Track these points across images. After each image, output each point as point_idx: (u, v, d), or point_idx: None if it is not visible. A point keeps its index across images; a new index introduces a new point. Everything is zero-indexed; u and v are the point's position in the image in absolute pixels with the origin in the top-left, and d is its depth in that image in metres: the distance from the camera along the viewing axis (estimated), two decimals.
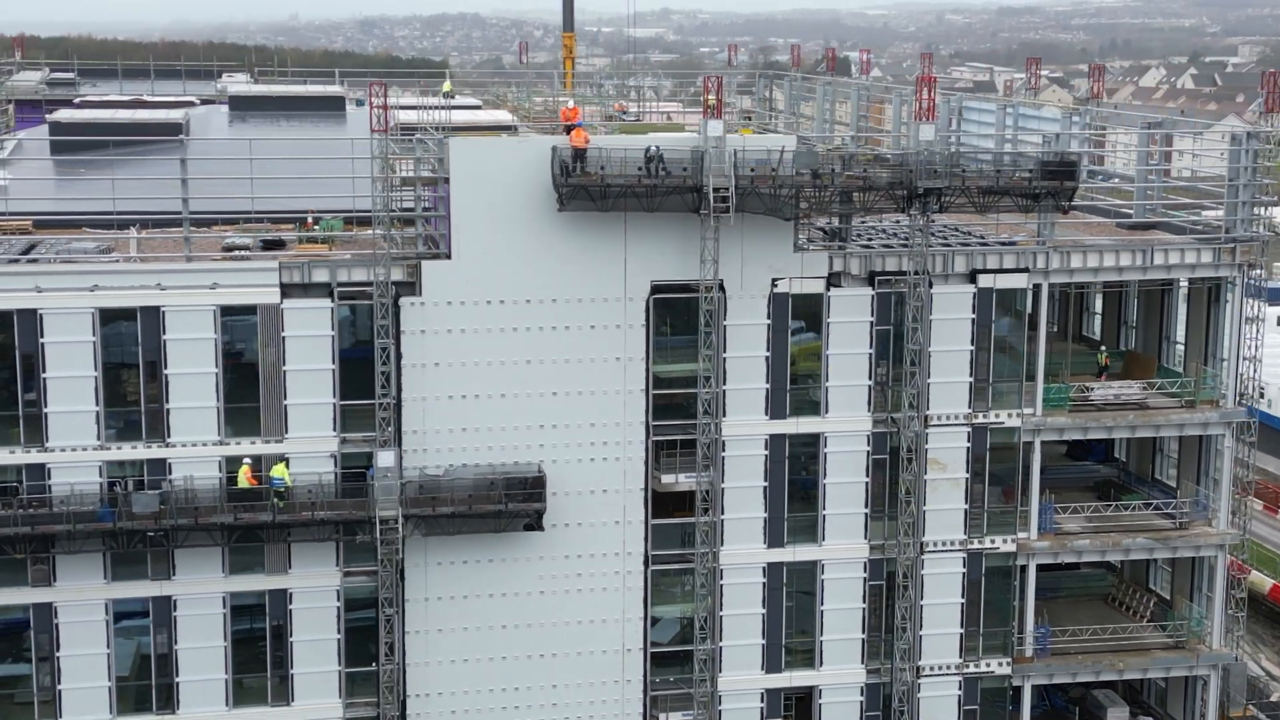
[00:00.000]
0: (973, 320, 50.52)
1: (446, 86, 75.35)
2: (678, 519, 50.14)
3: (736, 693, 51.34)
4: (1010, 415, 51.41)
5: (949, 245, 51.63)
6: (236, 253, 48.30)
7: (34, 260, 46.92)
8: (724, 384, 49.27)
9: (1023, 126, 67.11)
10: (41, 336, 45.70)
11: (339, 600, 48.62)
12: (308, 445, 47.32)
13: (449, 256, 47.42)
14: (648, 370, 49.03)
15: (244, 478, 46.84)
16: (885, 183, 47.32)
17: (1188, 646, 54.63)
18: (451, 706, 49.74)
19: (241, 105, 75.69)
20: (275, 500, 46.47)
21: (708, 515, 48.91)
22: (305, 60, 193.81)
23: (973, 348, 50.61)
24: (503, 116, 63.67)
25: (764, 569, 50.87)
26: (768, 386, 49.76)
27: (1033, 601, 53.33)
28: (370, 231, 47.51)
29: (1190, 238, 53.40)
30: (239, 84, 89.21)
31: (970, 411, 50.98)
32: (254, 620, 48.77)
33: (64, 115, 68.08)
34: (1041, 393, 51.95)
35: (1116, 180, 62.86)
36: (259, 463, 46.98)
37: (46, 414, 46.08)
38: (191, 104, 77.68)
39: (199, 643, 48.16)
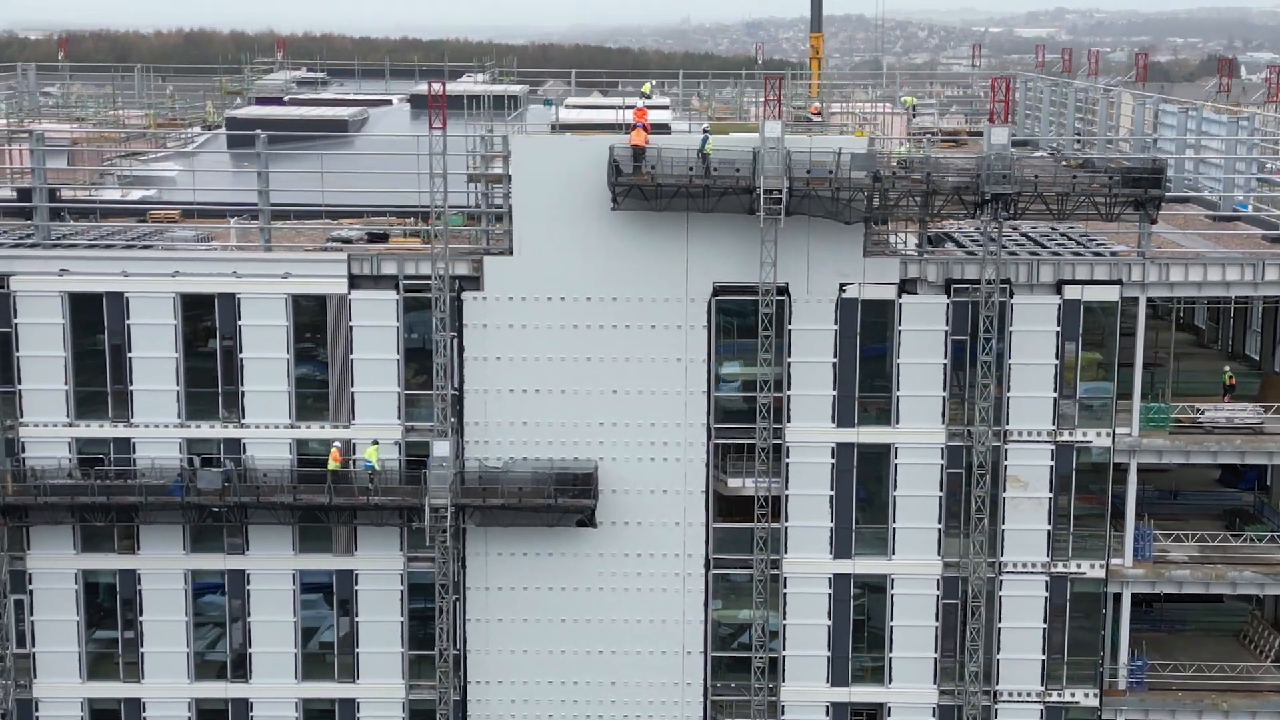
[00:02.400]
0: (1057, 333, 49.81)
1: (646, 88, 77.95)
2: (742, 524, 51.22)
3: (800, 704, 52.21)
4: (1100, 434, 50.44)
5: (1035, 254, 50.96)
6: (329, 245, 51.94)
7: (122, 245, 51.48)
8: (789, 389, 50.17)
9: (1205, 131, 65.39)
10: (128, 318, 50.19)
11: (403, 584, 51.70)
12: (373, 432, 50.44)
13: (511, 252, 49.75)
14: (709, 372, 50.28)
15: (333, 460, 50.29)
16: (950, 188, 47.19)
17: None
18: (511, 696, 52.25)
19: (420, 104, 79.61)
20: (368, 482, 49.93)
21: (766, 521, 49.91)
22: (639, 62, 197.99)
23: (1057, 362, 49.92)
24: (663, 116, 64.97)
25: (830, 580, 51.48)
26: (835, 393, 50.29)
27: (1127, 630, 52.23)
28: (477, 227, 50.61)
29: None
30: (465, 84, 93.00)
31: (1054, 429, 50.30)
32: (322, 598, 52.32)
33: (241, 112, 73.54)
34: (1139, 412, 50.81)
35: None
36: (328, 447, 50.51)
37: (132, 391, 50.63)
38: (388, 102, 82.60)
39: (270, 616, 52.02)
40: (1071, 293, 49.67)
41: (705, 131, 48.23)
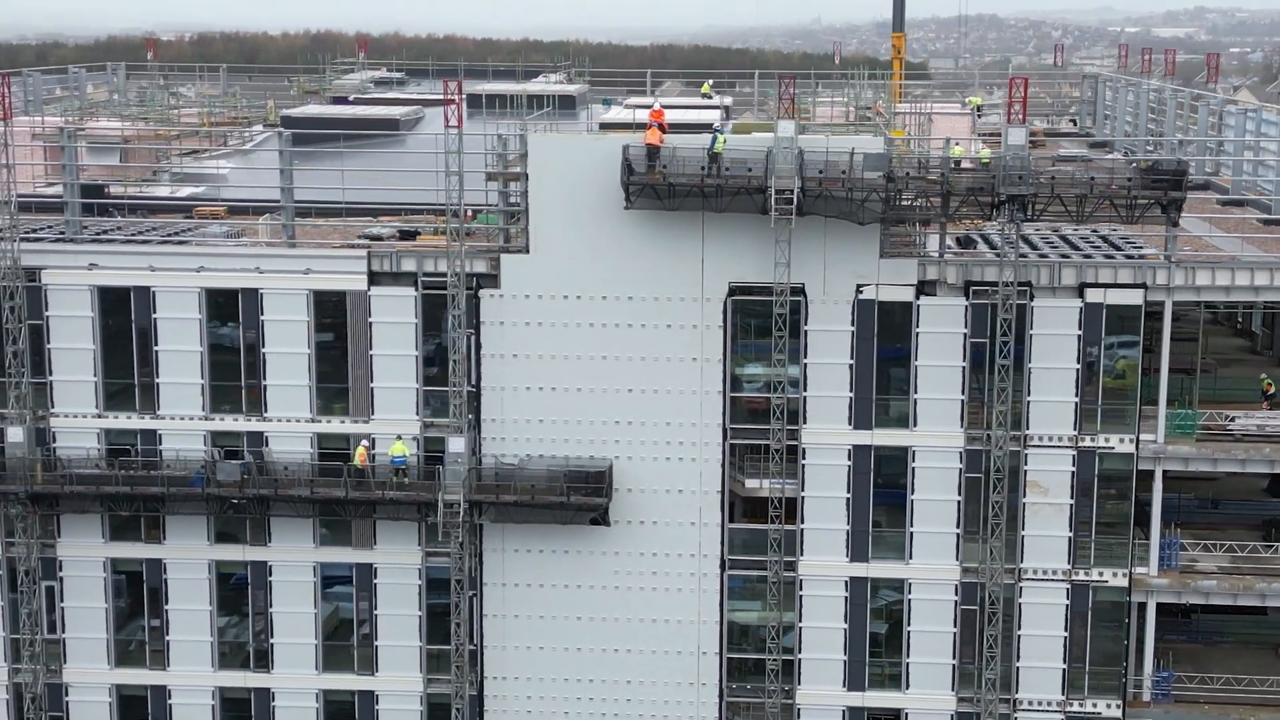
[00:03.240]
0: (1079, 337, 49.30)
1: (705, 88, 78.33)
2: (757, 525, 51.34)
3: (817, 708, 52.21)
4: (1123, 441, 49.85)
5: (1066, 256, 50.52)
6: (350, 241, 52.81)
7: (150, 241, 52.79)
8: (805, 391, 50.19)
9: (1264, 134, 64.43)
10: (154, 312, 51.47)
11: (420, 579, 52.44)
12: (393, 427, 51.24)
13: (528, 251, 50.28)
14: (725, 372, 50.44)
15: (359, 457, 51.18)
16: (965, 188, 46.93)
17: None
18: (528, 692, 52.81)
19: (476, 104, 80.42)
20: (397, 478, 50.79)
21: (779, 523, 49.98)
22: (757, 62, 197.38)
23: (1078, 366, 49.42)
24: (710, 116, 65.18)
25: (846, 583, 51.41)
26: (852, 395, 50.21)
27: (1152, 640, 51.56)
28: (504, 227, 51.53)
29: None
30: (540, 84, 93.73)
31: (1076, 434, 49.80)
32: (342, 591, 53.24)
33: (296, 111, 74.98)
34: (1164, 418, 50.13)
35: None
36: (348, 441, 51.37)
37: (158, 384, 51.91)
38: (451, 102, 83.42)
39: (292, 608, 53.05)
40: (1094, 296, 49.21)
41: (715, 131, 48.40)
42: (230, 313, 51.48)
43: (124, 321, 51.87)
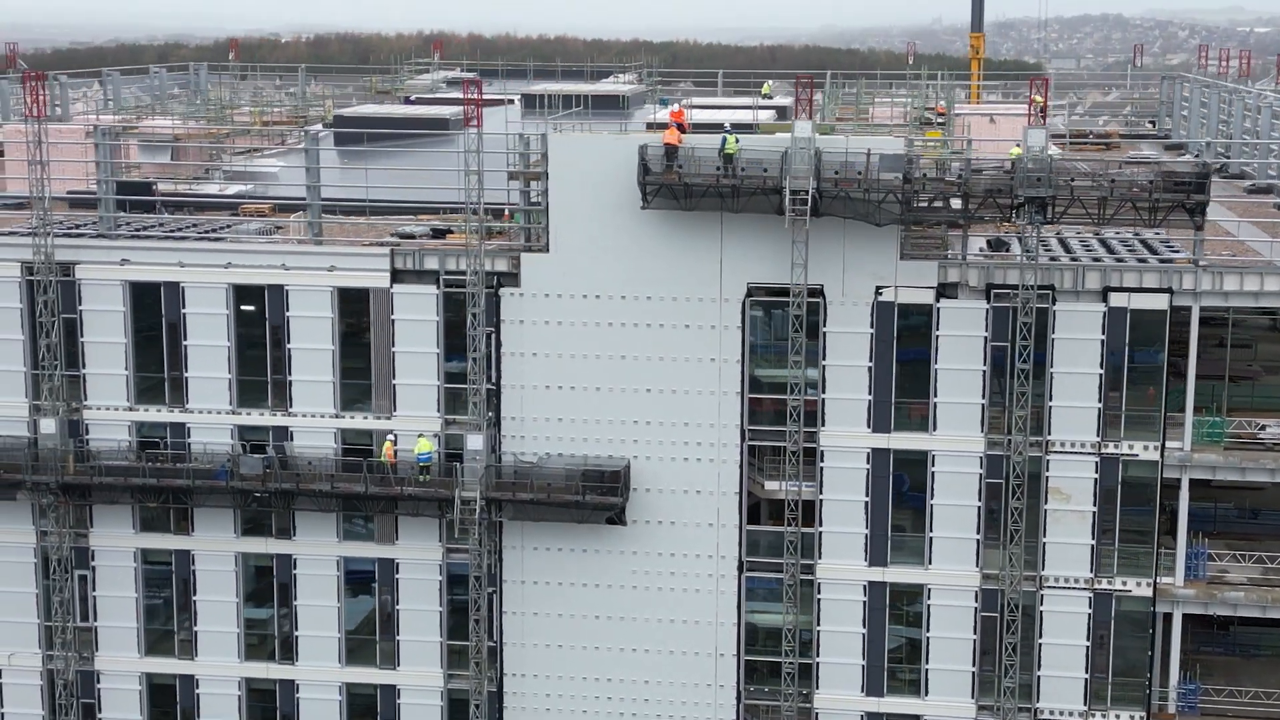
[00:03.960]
0: (1102, 342, 48.64)
1: (765, 89, 78.37)
2: (776, 527, 51.21)
3: (835, 712, 51.97)
4: (1147, 448, 49.10)
5: (1097, 260, 49.89)
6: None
7: (178, 237, 53.78)
8: (823, 393, 50.00)
9: None
10: (184, 307, 52.40)
11: (441, 574, 52.90)
12: (414, 424, 51.76)
13: (548, 249, 50.55)
14: (743, 373, 50.37)
15: (386, 453, 51.78)
16: (982, 190, 46.50)
17: None
18: (546, 690, 53.08)
19: (532, 103, 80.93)
20: (422, 475, 51.36)
21: (796, 525, 49.82)
22: (868, 63, 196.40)
23: (1101, 372, 48.75)
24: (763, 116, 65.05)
25: (865, 587, 51.11)
26: (870, 398, 49.93)
27: (1178, 651, 50.73)
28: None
29: None
30: (608, 85, 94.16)
31: (1099, 440, 49.13)
32: (365, 585, 53.86)
33: (348, 110, 75.96)
34: (1191, 426, 49.33)
35: None
36: (371, 437, 51.98)
37: (187, 378, 52.83)
38: (511, 101, 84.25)
39: (316, 601, 53.74)
40: (1117, 300, 48.52)
41: (725, 132, 48.35)
42: (257, 309, 52.39)
43: (154, 316, 52.88)
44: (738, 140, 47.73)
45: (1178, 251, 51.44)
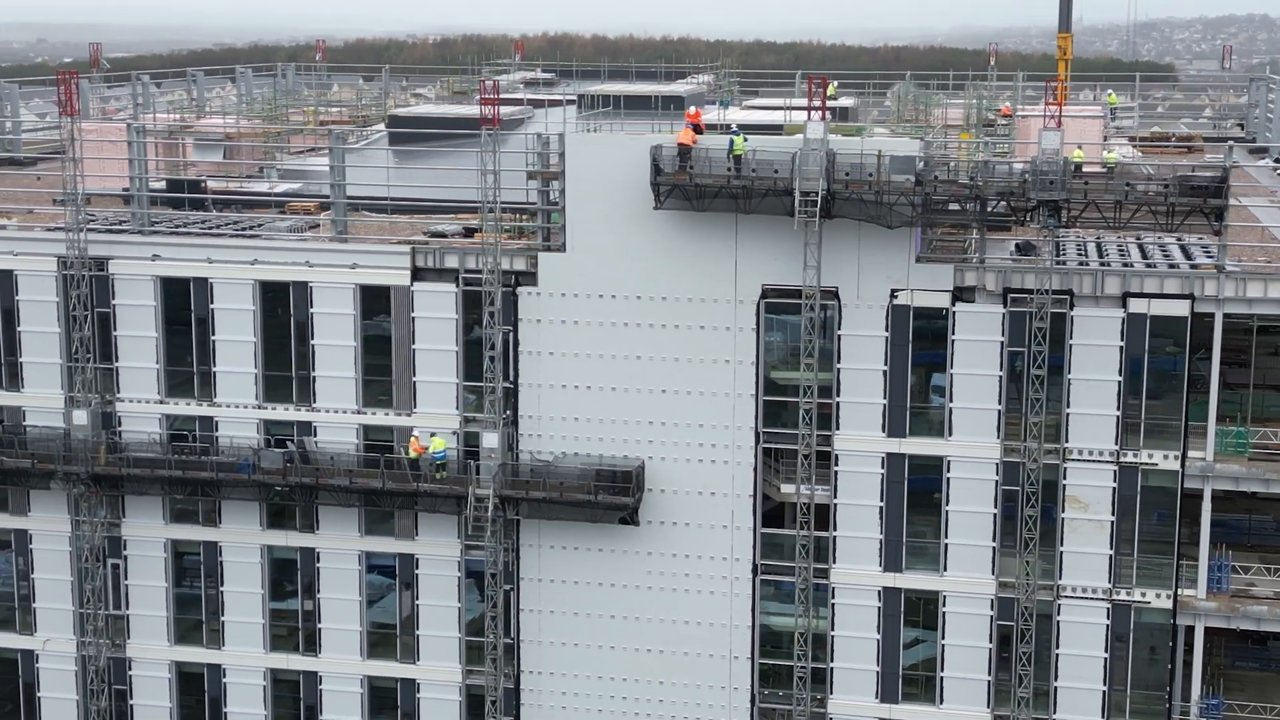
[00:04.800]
0: (1121, 348, 47.81)
1: (830, 89, 78.34)
2: (788, 530, 50.94)
3: (848, 718, 51.55)
4: (1167, 457, 48.19)
5: (1131, 265, 49.07)
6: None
7: (207, 233, 54.80)
8: (838, 396, 49.69)
9: None
10: (212, 302, 53.36)
11: (460, 571, 53.33)
12: (434, 421, 52.25)
13: (564, 249, 50.78)
14: (758, 375, 50.20)
15: (412, 448, 52.38)
16: (995, 193, 45.94)
17: None
18: (563, 688, 53.30)
19: (589, 104, 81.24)
20: (439, 472, 51.92)
21: (808, 529, 49.57)
22: (1002, 64, 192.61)
23: (1120, 379, 47.93)
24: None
25: (879, 593, 50.70)
26: (885, 402, 49.52)
27: (1200, 666, 49.69)
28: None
29: None
30: (682, 85, 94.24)
31: (1118, 449, 48.30)
32: (386, 580, 54.46)
33: (402, 110, 76.84)
34: (1214, 435, 48.32)
35: None
36: (392, 433, 52.55)
37: (215, 372, 53.79)
38: (573, 102, 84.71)
39: (338, 594, 54.43)
40: (1137, 306, 47.69)
41: (733, 132, 48.22)
42: (282, 305, 53.21)
43: (184, 311, 53.92)
44: (746, 140, 47.63)
45: (1212, 257, 50.51)
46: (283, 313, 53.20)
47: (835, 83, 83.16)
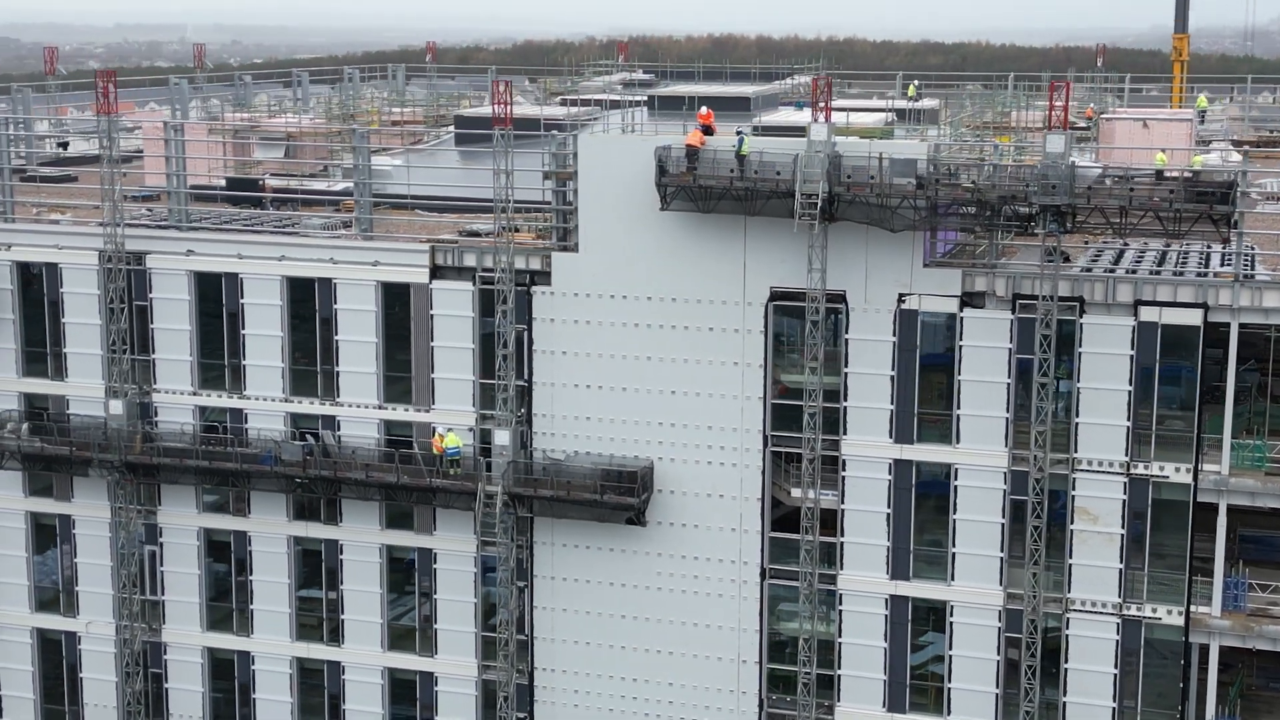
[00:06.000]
0: (1131, 358, 46.81)
1: (910, 90, 78.13)
2: (796, 535, 50.67)
3: None
4: (1179, 470, 47.06)
5: (1163, 270, 48.18)
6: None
7: (236, 230, 56.23)
8: (845, 401, 49.37)
9: None
10: (242, 297, 54.74)
11: (476, 566, 53.98)
12: (450, 417, 53.00)
13: (577, 249, 51.18)
14: (766, 377, 50.06)
15: (435, 445, 53.26)
16: (996, 198, 45.30)
17: None
18: (575, 686, 53.66)
19: (663, 104, 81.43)
20: (452, 468, 52.78)
21: (812, 534, 49.32)
22: (1162, 65, 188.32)
23: (1130, 388, 46.92)
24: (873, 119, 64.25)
25: (886, 600, 50.23)
26: (893, 408, 49.08)
27: (1214, 685, 48.38)
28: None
29: None
30: (752, 87, 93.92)
31: (1128, 460, 47.29)
32: (406, 573, 55.36)
33: (469, 111, 77.94)
34: (1229, 448, 47.07)
35: None
36: (412, 429, 53.47)
37: (245, 366, 55.17)
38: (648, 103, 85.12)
39: (360, 586, 55.45)
40: (1148, 314, 46.66)
41: (740, 133, 48.16)
42: (308, 300, 54.41)
43: (216, 305, 55.41)
44: (750, 142, 47.58)
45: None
46: (309, 308, 54.47)
47: (917, 83, 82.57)
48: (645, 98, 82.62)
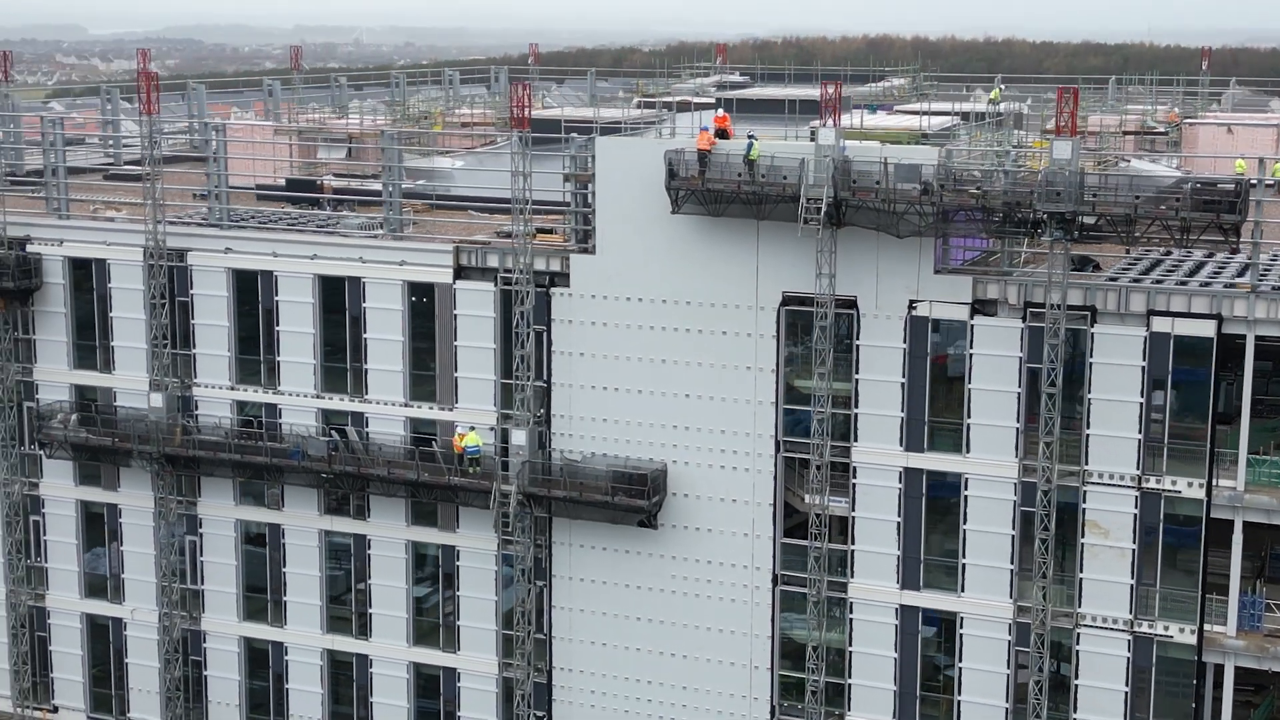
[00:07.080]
0: (1143, 369, 45.91)
1: (994, 94, 77.62)
2: (807, 541, 50.49)
3: None
4: (1192, 485, 46.04)
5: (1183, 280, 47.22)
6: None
7: (271, 228, 57.57)
8: (856, 407, 49.10)
9: None
10: (276, 295, 56.02)
11: (496, 565, 54.61)
12: (473, 416, 53.69)
13: (594, 251, 51.55)
14: (778, 382, 49.96)
15: (456, 443, 53.96)
16: (1001, 204, 44.73)
17: None
18: (592, 686, 54.01)
19: (740, 107, 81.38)
20: (472, 467, 53.53)
21: (822, 541, 49.13)
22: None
23: (1142, 400, 46.02)
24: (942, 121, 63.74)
25: (897, 610, 49.81)
26: (903, 415, 48.67)
27: (1230, 705, 47.21)
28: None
29: None
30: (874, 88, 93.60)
31: (1139, 473, 46.38)
32: (431, 570, 56.15)
33: (538, 113, 78.57)
34: (1245, 464, 45.93)
35: None
36: (436, 427, 54.32)
37: (279, 362, 56.44)
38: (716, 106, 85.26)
39: (387, 581, 56.41)
40: (1160, 325, 45.75)
41: (750, 137, 48.09)
42: (339, 299, 55.51)
43: (253, 302, 56.79)
44: (759, 146, 47.56)
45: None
46: (339, 306, 55.56)
47: (1002, 86, 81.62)
48: (714, 100, 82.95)
